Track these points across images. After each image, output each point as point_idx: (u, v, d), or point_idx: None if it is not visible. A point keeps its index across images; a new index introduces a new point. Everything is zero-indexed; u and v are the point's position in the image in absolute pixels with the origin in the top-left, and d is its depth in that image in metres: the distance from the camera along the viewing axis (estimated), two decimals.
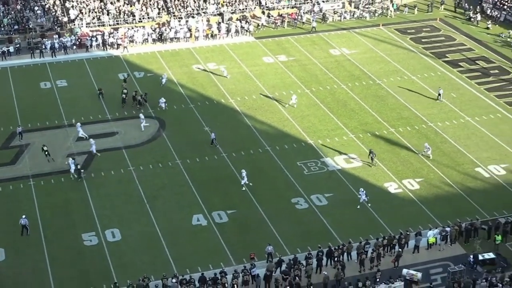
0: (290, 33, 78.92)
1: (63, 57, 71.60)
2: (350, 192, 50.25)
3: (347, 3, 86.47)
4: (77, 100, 62.67)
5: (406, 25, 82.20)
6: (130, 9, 78.46)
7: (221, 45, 75.59)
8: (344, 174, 52.42)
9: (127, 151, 54.91)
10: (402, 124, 59.52)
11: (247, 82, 66.88)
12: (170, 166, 53.12)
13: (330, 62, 71.74)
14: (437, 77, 68.38)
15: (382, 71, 69.79)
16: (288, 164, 53.52)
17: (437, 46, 76.30)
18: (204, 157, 54.19)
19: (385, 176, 52.28)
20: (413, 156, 54.76)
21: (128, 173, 52.15)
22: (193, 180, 51.31)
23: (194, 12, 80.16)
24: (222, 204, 48.74)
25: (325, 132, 58.25)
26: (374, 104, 62.94)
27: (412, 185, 51.31)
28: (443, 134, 58.09)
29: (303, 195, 49.87)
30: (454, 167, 53.50)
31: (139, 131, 57.46)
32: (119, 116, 59.93)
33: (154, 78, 67.01)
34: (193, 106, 61.91)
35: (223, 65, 68.73)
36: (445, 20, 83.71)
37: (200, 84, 66.34)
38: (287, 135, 57.68)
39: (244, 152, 54.86)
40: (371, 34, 79.34)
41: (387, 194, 50.32)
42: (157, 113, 60.51)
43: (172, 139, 56.70)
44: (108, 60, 71.57)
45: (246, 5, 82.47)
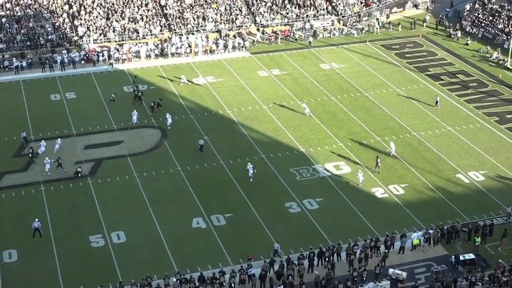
0: (283, 49, 78.94)
1: (71, 71, 71.48)
2: (339, 197, 50.15)
3: (336, 21, 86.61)
4: (85, 111, 62.51)
5: (391, 41, 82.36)
6: (134, 26, 78.46)
7: (219, 60, 75.59)
8: (334, 180, 52.33)
9: (131, 159, 54.75)
10: (388, 134, 59.51)
11: (243, 94, 66.84)
12: (171, 172, 52.97)
13: (321, 75, 71.78)
14: (420, 89, 68.47)
15: (369, 84, 69.85)
16: (281, 170, 53.42)
17: (420, 60, 76.44)
18: (203, 164, 54.05)
19: (372, 182, 52.20)
20: (398, 163, 54.71)
21: (132, 179, 51.99)
22: (193, 186, 51.16)
23: (194, 29, 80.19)
24: (220, 208, 48.59)
25: (316, 141, 58.20)
26: (361, 115, 62.94)
27: (398, 190, 51.25)
28: (426, 142, 58.10)
29: (296, 199, 49.76)
30: (436, 173, 53.49)
31: (143, 139, 57.33)
32: (124, 126, 59.79)
33: (156, 91, 66.89)
34: (193, 117, 61.81)
35: (183, 75, 68.65)
36: (427, 36, 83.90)
37: (200, 96, 66.27)
38: (280, 144, 57.61)
39: (240, 160, 54.74)
40: (359, 50, 79.44)
41: (374, 198, 50.24)
42: (159, 123, 60.38)
43: (174, 147, 56.57)
44: (113, 73, 71.45)
45: (242, 22, 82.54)
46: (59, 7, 79.39)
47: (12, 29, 75.54)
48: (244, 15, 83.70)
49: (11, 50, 73.59)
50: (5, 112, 62.21)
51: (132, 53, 74.54)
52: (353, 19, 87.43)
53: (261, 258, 43.26)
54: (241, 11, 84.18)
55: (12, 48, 73.76)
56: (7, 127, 59.23)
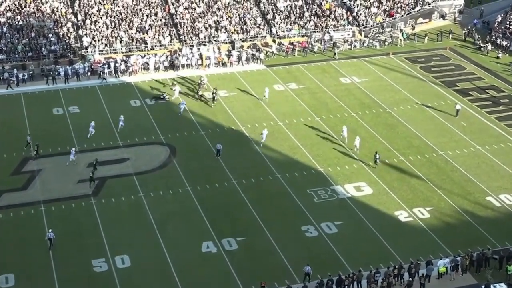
0: (300, 61, 79.13)
1: (75, 83, 72.00)
2: (360, 221, 49.94)
3: (357, 32, 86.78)
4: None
5: (416, 54, 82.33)
6: (142, 36, 78.99)
7: (232, 72, 75.87)
8: (354, 202, 52.16)
9: (137, 177, 54.89)
10: (413, 153, 59.31)
11: (257, 109, 66.94)
12: (180, 192, 53.03)
13: (340, 90, 71.80)
14: (447, 105, 68.26)
15: (392, 99, 69.76)
16: (298, 191, 53.33)
17: (447, 75, 76.30)
18: (214, 184, 54.08)
19: (396, 205, 51.96)
20: (423, 184, 54.46)
21: (138, 199, 52.09)
22: (203, 207, 51.17)
23: (206, 40, 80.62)
24: (232, 231, 48.54)
25: (335, 160, 58.09)
26: (384, 132, 62.82)
27: (423, 213, 50.97)
28: (453, 162, 57.81)
29: (313, 222, 49.61)
30: (464, 196, 53.16)
31: (150, 157, 57.51)
32: (130, 142, 60.03)
33: (166, 105, 67.21)
34: (204, 133, 61.97)
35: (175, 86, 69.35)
36: (455, 49, 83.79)
37: (211, 111, 66.45)
38: (297, 163, 57.55)
39: (254, 179, 54.72)
40: (381, 63, 79.45)
41: (397, 222, 49.99)
42: (168, 139, 60.57)
43: (183, 166, 56.68)
44: (120, 87, 71.92)
45: (257, 33, 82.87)
46: (63, 16, 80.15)
47: (13, 39, 76.33)
48: (259, 25, 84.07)
49: (12, 61, 74.28)
50: (4, 127, 62.67)
51: (139, 65, 75.02)
52: (375, 30, 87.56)
53: (275, 286, 43.04)
54: (256, 21, 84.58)
55: (12, 59, 74.46)
56: (6, 143, 59.59)
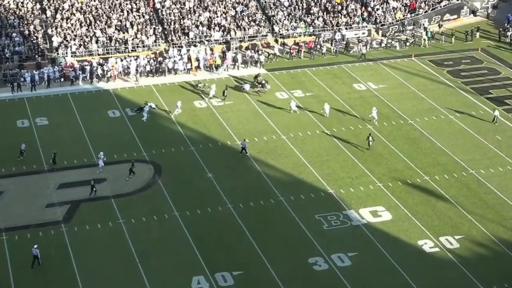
0: (307, 65, 79.47)
1: (44, 91, 72.23)
2: (378, 251, 49.95)
3: (374, 31, 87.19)
4: (60, 141, 62.91)
5: (443, 56, 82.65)
6: (123, 36, 79.34)
7: (227, 77, 76.11)
8: (371, 230, 52.21)
9: (116, 201, 54.93)
10: (439, 172, 59.46)
11: (257, 121, 67.16)
12: (166, 218, 53.06)
13: (354, 98, 72.05)
14: (479, 116, 68.49)
15: (414, 109, 69.99)
16: (304, 217, 53.39)
17: (478, 80, 76.59)
18: (207, 209, 54.14)
19: (419, 233, 52.01)
20: (451, 209, 54.54)
21: (117, 226, 52.09)
22: (194, 236, 51.17)
23: (196, 39, 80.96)
24: (227, 264, 48.51)
25: (348, 180, 58.23)
26: (405, 147, 63.00)
27: (451, 243, 51.01)
28: (487, 183, 57.94)
29: (323, 254, 49.61)
30: (500, 222, 53.24)
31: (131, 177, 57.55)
32: (107, 160, 60.07)
33: (150, 116, 67.30)
34: (194, 149, 62.12)
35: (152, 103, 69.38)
36: (488, 50, 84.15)
37: (203, 123, 66.67)
38: (303, 183, 57.67)
39: (253, 203, 54.81)
40: (402, 66, 79.74)
41: (421, 253, 49.99)
42: (152, 156, 60.70)
43: (170, 187, 56.75)
44: (96, 95, 72.15)
45: (256, 31, 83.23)
46: (29, 12, 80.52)
47: None
48: (259, 22, 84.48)
49: None
50: None
51: (119, 69, 75.28)
52: (395, 28, 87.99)
53: None
54: (255, 17, 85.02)
55: None
56: None
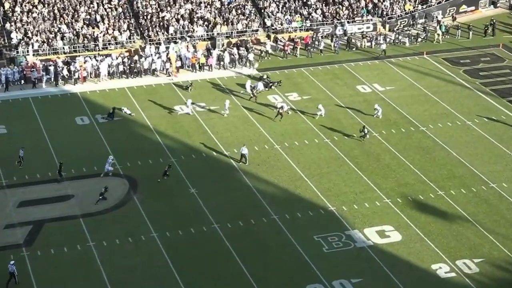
0: (304, 64, 79.69)
1: (1, 95, 72.28)
2: (385, 277, 50.03)
3: (380, 25, 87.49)
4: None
5: (459, 54, 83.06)
6: (92, 31, 79.39)
7: (212, 78, 76.23)
8: (378, 252, 52.31)
9: (85, 221, 54.87)
10: (455, 185, 59.68)
11: (246, 128, 67.29)
12: (143, 241, 53.04)
13: (358, 102, 72.30)
14: (501, 121, 68.84)
15: (427, 114, 70.28)
16: (301, 238, 53.46)
17: (500, 81, 77.00)
18: (189, 229, 54.15)
19: (433, 256, 52.14)
20: (470, 228, 54.71)
21: (87, 250, 52.00)
22: (175, 260, 51.16)
23: (177, 35, 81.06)
24: None
25: (352, 195, 58.39)
26: (417, 158, 63.23)
27: (470, 267, 51.12)
28: (510, 198, 58.17)
29: (323, 280, 49.65)
30: None
31: None
32: (75, 173, 60.09)
33: (123, 123, 67.40)
34: (175, 160, 62.18)
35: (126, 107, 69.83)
36: (511, 46, 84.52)
37: (185, 131, 66.75)
38: (300, 200, 57.78)
39: (242, 223, 54.86)
40: (412, 65, 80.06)
41: (435, 279, 50.08)
42: (126, 169, 60.70)
43: (147, 204, 56.76)
44: (62, 99, 72.16)
45: (246, 26, 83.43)
46: None
47: None
48: (249, 15, 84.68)
49: None
50: None
51: (88, 70, 75.30)
52: (404, 21, 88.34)
53: None
54: (245, 9, 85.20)
55: None
56: None
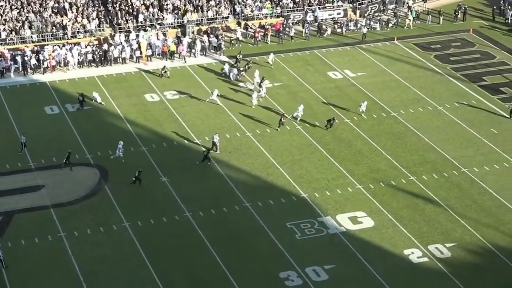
0: (275, 51, 79.58)
1: None
2: (358, 263, 50.20)
3: (350, 10, 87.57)
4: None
5: (430, 39, 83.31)
6: (61, 20, 78.88)
7: (182, 66, 76.00)
8: (350, 239, 52.45)
9: (56, 211, 54.65)
10: (427, 171, 59.95)
11: (218, 116, 67.18)
12: (115, 230, 52.89)
13: (329, 88, 72.36)
14: (471, 106, 69.19)
15: (398, 99, 70.49)
16: (274, 225, 53.50)
17: (470, 66, 77.34)
18: (161, 218, 54.06)
19: (405, 241, 52.37)
20: (442, 213, 54.99)
21: (58, 241, 51.80)
22: (147, 250, 51.05)
23: (147, 23, 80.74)
24: (186, 282, 48.47)
25: (324, 182, 58.48)
26: (388, 143, 63.43)
27: (442, 252, 51.42)
28: (481, 183, 58.52)
29: (296, 267, 49.73)
30: (497, 227, 53.78)
31: (73, 183, 57.28)
32: (45, 163, 59.78)
33: (93, 112, 67.11)
34: (146, 149, 62.01)
35: (96, 92, 69.57)
36: (481, 31, 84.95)
37: (156, 119, 66.55)
38: (272, 187, 57.81)
39: (215, 211, 54.82)
40: (383, 51, 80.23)
41: (408, 264, 50.32)
42: (97, 159, 60.44)
43: (118, 194, 56.59)
44: (30, 88, 71.70)
45: (216, 13, 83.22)
46: None
47: None
48: (219, 2, 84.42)
49: None
50: None
51: (57, 59, 74.85)
52: (374, 7, 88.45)
53: None
54: None
55: None
56: None
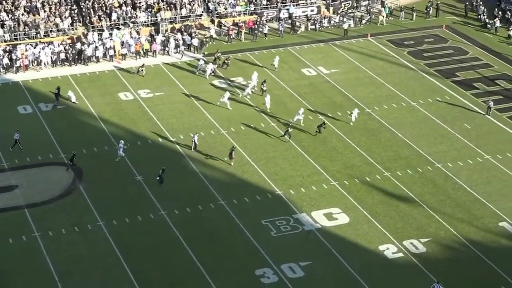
0: (249, 48, 79.58)
1: None
2: (334, 259, 50.30)
3: (324, 7, 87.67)
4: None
5: (403, 35, 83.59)
6: (33, 19, 78.46)
7: (156, 65, 75.82)
8: (326, 235, 52.54)
9: (30, 211, 54.37)
10: (401, 166, 60.16)
11: (192, 114, 67.09)
12: (90, 230, 52.70)
13: (303, 85, 72.44)
14: (445, 102, 69.51)
15: (372, 96, 70.69)
16: (249, 223, 53.52)
17: (443, 62, 77.67)
18: (136, 217, 53.92)
19: (381, 237, 52.54)
20: (416, 208, 55.21)
21: (32, 241, 51.54)
22: (122, 249, 50.91)
23: (120, 21, 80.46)
24: (161, 280, 48.36)
25: (299, 179, 58.54)
26: (362, 140, 63.58)
27: (416, 247, 51.62)
28: (455, 178, 58.82)
29: (271, 264, 49.78)
30: (471, 221, 54.09)
31: (47, 183, 57.02)
32: (19, 163, 59.46)
33: (66, 111, 66.79)
34: None
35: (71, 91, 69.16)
36: (454, 27, 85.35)
37: (130, 118, 66.35)
38: (247, 185, 57.81)
39: (190, 209, 54.76)
40: (357, 48, 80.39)
41: (383, 260, 50.48)
42: None
43: (92, 193, 56.38)
44: (3, 88, 71.26)
45: (189, 11, 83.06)
46: None
47: None
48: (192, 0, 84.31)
49: None
50: None
51: (30, 58, 74.45)
52: (348, 4, 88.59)
53: None
54: None
55: None
56: None
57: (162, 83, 72.19)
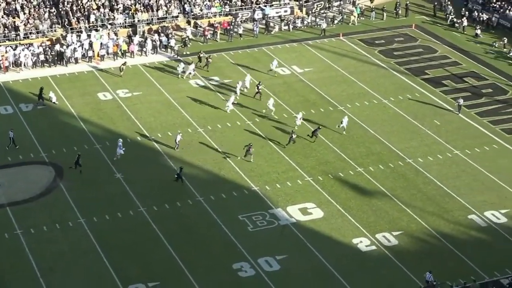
0: (224, 48, 79.76)
1: None
2: (309, 253, 50.62)
3: (297, 8, 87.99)
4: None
5: (374, 35, 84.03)
6: (12, 21, 78.24)
7: (134, 65, 75.83)
8: (301, 229, 52.88)
9: (12, 209, 54.26)
10: (373, 162, 60.62)
11: (170, 113, 67.21)
12: (71, 227, 52.71)
13: (277, 84, 72.71)
14: (415, 99, 70.07)
15: (344, 94, 71.08)
16: (226, 218, 53.75)
17: (413, 60, 78.22)
18: (116, 214, 53.99)
19: (354, 230, 52.94)
20: (388, 202, 55.68)
21: (14, 238, 51.47)
22: (103, 245, 50.95)
23: (98, 23, 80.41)
24: (141, 275, 48.42)
25: (274, 175, 58.85)
26: (335, 137, 63.92)
27: (389, 240, 52.08)
28: (425, 173, 59.36)
29: (248, 258, 50.02)
30: (441, 215, 54.62)
31: (28, 181, 56.96)
32: (0, 162, 59.31)
33: (47, 111, 66.72)
34: (100, 147, 61.81)
35: (52, 92, 68.94)
36: (423, 26, 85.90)
37: (109, 117, 66.38)
38: (224, 181, 58.04)
39: (168, 205, 54.90)
40: (329, 47, 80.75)
41: (357, 253, 50.89)
42: (52, 157, 60.17)
43: (73, 191, 56.35)
44: None
45: (166, 12, 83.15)
46: None
47: None
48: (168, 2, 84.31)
49: None
50: None
51: (10, 60, 74.27)
52: (320, 4, 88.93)
53: None
54: None
55: None
56: None
57: (140, 83, 72.24)
